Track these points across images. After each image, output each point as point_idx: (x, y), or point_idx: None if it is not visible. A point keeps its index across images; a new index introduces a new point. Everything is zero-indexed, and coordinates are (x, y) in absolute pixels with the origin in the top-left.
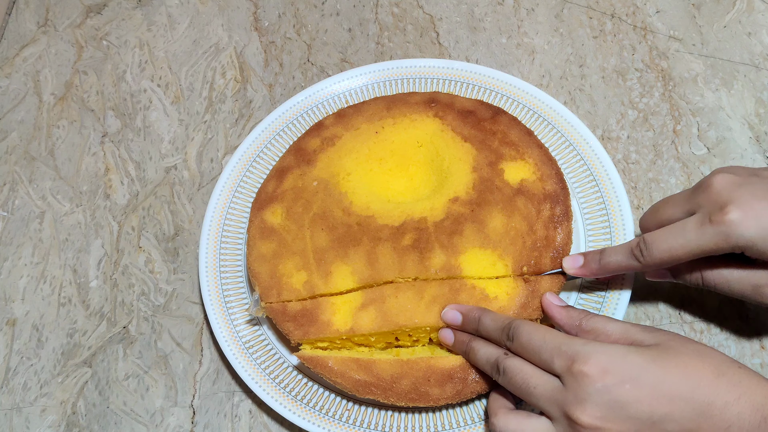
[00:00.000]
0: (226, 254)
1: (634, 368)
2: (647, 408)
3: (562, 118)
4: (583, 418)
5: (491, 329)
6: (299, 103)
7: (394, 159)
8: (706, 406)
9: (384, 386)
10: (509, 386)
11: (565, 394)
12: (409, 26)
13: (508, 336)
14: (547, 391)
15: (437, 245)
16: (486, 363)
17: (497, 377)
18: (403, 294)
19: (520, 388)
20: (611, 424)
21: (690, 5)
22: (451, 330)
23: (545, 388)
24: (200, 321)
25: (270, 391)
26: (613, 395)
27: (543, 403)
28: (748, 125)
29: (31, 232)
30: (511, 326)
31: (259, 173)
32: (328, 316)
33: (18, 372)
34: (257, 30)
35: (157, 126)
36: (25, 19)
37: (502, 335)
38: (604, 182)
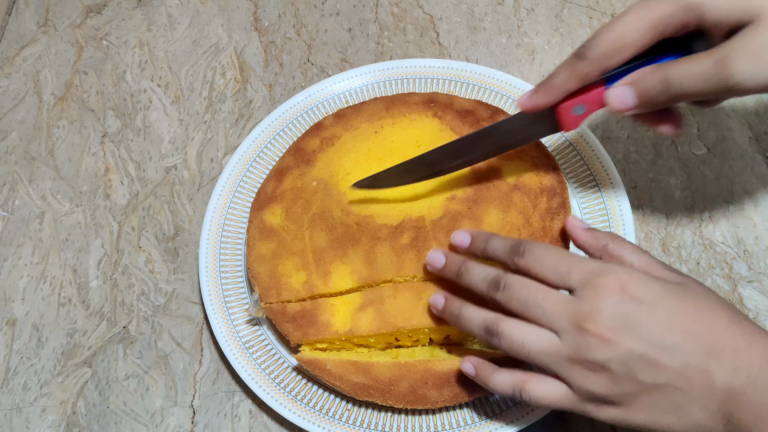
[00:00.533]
0: (226, 254)
1: (652, 294)
2: (659, 333)
3: None
4: (595, 327)
5: (499, 246)
6: (299, 103)
7: (393, 159)
8: (717, 346)
9: (382, 389)
10: (510, 302)
11: (578, 305)
12: (409, 26)
13: (518, 251)
14: (556, 304)
15: (435, 243)
16: (483, 281)
17: (495, 294)
18: (402, 295)
19: (525, 301)
20: (621, 338)
21: None
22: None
23: (554, 300)
24: (200, 321)
25: (270, 391)
26: (629, 311)
27: (550, 316)
28: (748, 125)
29: (31, 232)
30: (522, 243)
31: (259, 173)
32: (327, 318)
33: (18, 372)
34: (257, 30)
35: (157, 126)
36: (25, 19)
37: (511, 251)
38: (604, 182)
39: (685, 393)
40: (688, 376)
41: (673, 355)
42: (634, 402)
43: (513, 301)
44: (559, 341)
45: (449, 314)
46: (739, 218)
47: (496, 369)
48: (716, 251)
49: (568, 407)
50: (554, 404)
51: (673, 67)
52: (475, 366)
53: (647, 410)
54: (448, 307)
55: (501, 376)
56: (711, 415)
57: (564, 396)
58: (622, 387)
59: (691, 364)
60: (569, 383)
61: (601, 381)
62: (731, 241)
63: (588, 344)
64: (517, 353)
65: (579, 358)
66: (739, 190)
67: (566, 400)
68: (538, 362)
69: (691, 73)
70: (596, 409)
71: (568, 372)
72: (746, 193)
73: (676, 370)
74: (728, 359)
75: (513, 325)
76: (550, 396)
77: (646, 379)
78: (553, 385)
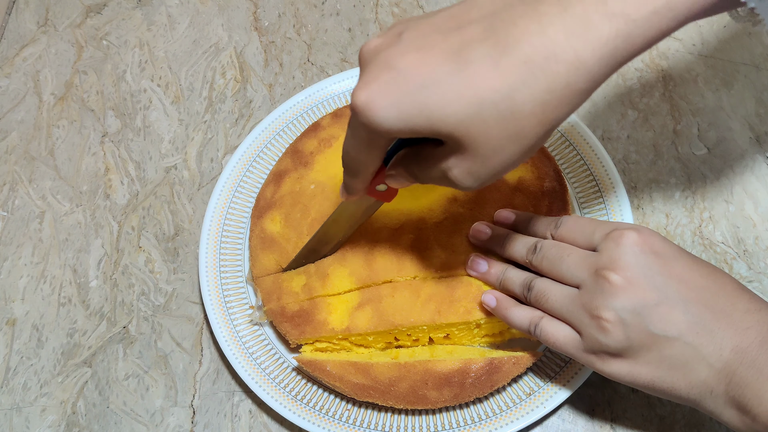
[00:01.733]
0: (226, 254)
1: (670, 250)
2: (675, 287)
3: None
4: (612, 275)
5: (539, 223)
6: (299, 102)
7: None
8: (729, 305)
9: (382, 389)
10: (542, 263)
11: (599, 257)
12: None
13: (556, 225)
14: (580, 258)
15: (436, 245)
16: (523, 248)
17: (531, 258)
18: (400, 293)
19: (554, 260)
20: (637, 287)
21: None
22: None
23: (579, 255)
24: (200, 321)
25: (270, 391)
26: (647, 261)
27: (573, 270)
28: (748, 125)
29: (31, 232)
30: (560, 218)
31: (259, 173)
32: (324, 316)
33: (18, 372)
34: (257, 30)
35: (157, 126)
36: (25, 19)
37: (550, 225)
38: (604, 182)
39: (694, 349)
40: (698, 332)
41: (686, 310)
42: (641, 355)
43: (545, 261)
44: (578, 293)
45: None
46: (739, 218)
47: (516, 304)
48: (716, 251)
49: (575, 354)
50: (561, 347)
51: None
52: (497, 299)
53: (654, 365)
54: (494, 271)
55: (520, 311)
56: (716, 373)
57: (572, 341)
58: (633, 338)
59: (703, 321)
60: (580, 331)
61: (613, 330)
62: (731, 241)
63: (604, 291)
64: (542, 305)
65: (594, 305)
66: (739, 190)
67: (574, 346)
68: (556, 312)
69: (426, 174)
70: (601, 362)
71: (580, 319)
72: (746, 193)
73: (687, 324)
74: (738, 319)
75: (542, 282)
76: (558, 337)
77: (657, 331)
78: (565, 328)
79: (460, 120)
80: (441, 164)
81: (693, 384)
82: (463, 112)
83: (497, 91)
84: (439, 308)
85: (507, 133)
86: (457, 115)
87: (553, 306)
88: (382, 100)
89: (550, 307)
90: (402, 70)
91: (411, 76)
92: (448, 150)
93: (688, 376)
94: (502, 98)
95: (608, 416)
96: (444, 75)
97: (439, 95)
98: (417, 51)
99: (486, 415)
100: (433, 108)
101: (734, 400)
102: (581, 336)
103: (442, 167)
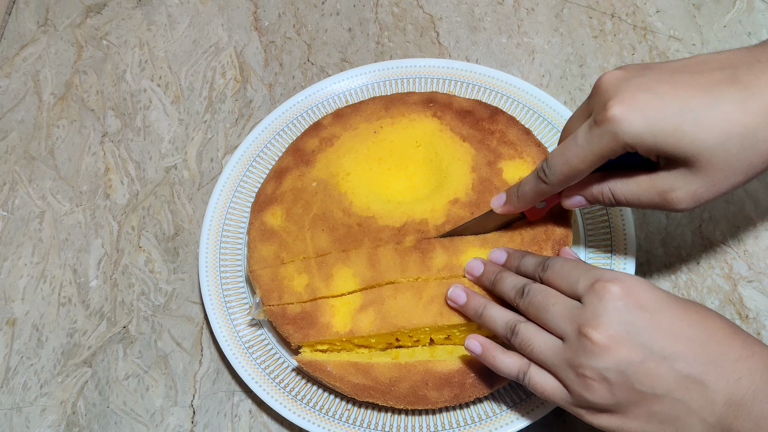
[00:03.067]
0: (226, 254)
1: (656, 301)
2: (661, 341)
3: (562, 118)
4: (595, 334)
5: (530, 264)
6: (299, 102)
7: (393, 159)
8: (719, 355)
9: (382, 390)
10: (528, 308)
11: (583, 311)
12: (409, 26)
13: (543, 267)
14: (564, 309)
15: (438, 245)
16: (512, 289)
17: (519, 301)
18: (402, 295)
19: (539, 307)
20: (621, 346)
21: (690, 5)
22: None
23: (564, 306)
24: (200, 321)
25: (270, 391)
26: (630, 317)
27: (558, 321)
28: None
29: (31, 232)
30: (547, 259)
31: (259, 173)
32: (328, 319)
33: (18, 372)
34: (257, 30)
35: (157, 126)
36: (25, 18)
37: (538, 267)
38: None
39: (685, 404)
40: (688, 386)
41: (674, 365)
42: (630, 410)
43: (531, 307)
44: (562, 346)
45: (473, 311)
46: (739, 218)
47: (503, 350)
48: (716, 251)
49: (563, 406)
50: (550, 398)
51: (618, 184)
52: (482, 345)
53: (644, 419)
54: (472, 304)
55: (507, 358)
56: (709, 428)
57: (560, 394)
58: (619, 396)
59: (692, 375)
60: (566, 386)
61: (598, 389)
62: (731, 241)
63: (586, 350)
64: (526, 353)
65: (577, 363)
66: (739, 191)
67: (562, 399)
68: (541, 362)
69: (633, 194)
70: (590, 415)
71: (565, 375)
72: (746, 193)
73: (676, 380)
74: (729, 369)
75: (527, 328)
76: (546, 389)
77: (644, 389)
78: (552, 380)
79: (708, 146)
80: (660, 185)
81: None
82: (712, 139)
83: (745, 127)
84: (441, 310)
85: (742, 164)
86: (706, 142)
87: (538, 356)
88: (638, 115)
89: (536, 356)
90: (660, 94)
91: (669, 101)
92: (675, 173)
93: (680, 430)
94: (747, 134)
95: None
96: (698, 106)
97: (693, 121)
98: (670, 83)
99: (486, 415)
100: (687, 131)
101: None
102: (567, 390)
103: (660, 188)
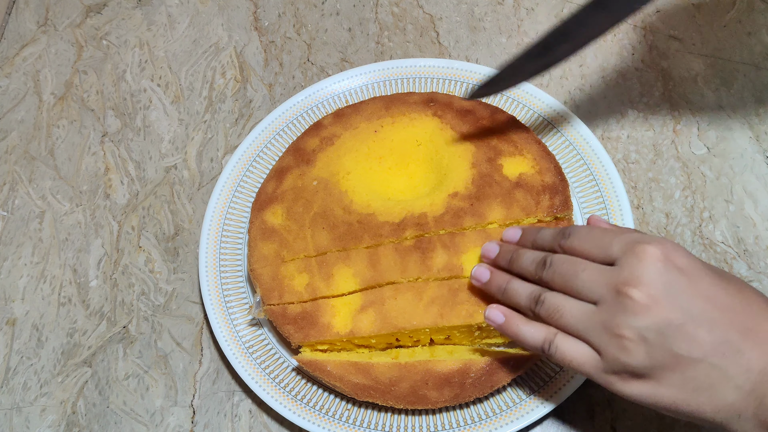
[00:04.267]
0: (226, 254)
1: (695, 267)
2: (700, 305)
3: (562, 118)
4: (636, 292)
5: (547, 235)
6: (299, 102)
7: (393, 157)
8: (754, 325)
9: (382, 389)
10: (554, 278)
11: (619, 272)
12: (409, 26)
13: (564, 234)
14: (595, 273)
15: (439, 245)
16: (532, 263)
17: (542, 274)
18: (402, 296)
19: (567, 275)
20: (661, 306)
21: (690, 5)
22: (497, 246)
23: (594, 270)
24: (200, 321)
25: (270, 391)
26: (671, 279)
27: (590, 286)
28: (748, 125)
29: (31, 232)
30: (568, 227)
31: (259, 173)
32: (328, 319)
33: (18, 372)
34: (257, 30)
35: (157, 126)
36: (25, 18)
37: (558, 236)
38: (604, 182)
39: (720, 370)
40: (724, 352)
41: (712, 330)
42: (665, 377)
43: (557, 277)
44: (596, 309)
45: (496, 287)
46: (739, 218)
47: (526, 320)
48: (716, 251)
49: (593, 375)
50: (579, 366)
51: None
52: (505, 315)
53: (677, 387)
54: (495, 281)
55: (531, 328)
56: (744, 396)
57: (591, 361)
58: (656, 358)
59: (729, 341)
60: (600, 350)
61: (635, 350)
62: (731, 241)
63: (626, 309)
64: (554, 321)
65: (615, 323)
66: (739, 190)
67: (592, 366)
68: (571, 328)
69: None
70: (622, 383)
71: (599, 338)
72: (746, 193)
73: (713, 345)
74: (765, 338)
75: (554, 296)
76: (575, 356)
77: (682, 352)
78: (583, 347)
79: None
80: None
81: (719, 407)
82: None
83: None
84: (441, 311)
85: None
86: None
87: (568, 322)
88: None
89: (565, 323)
90: None
91: None
92: None
93: (714, 398)
94: None
95: (608, 416)
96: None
97: None
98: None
99: (486, 415)
100: None
101: (764, 425)
102: (600, 355)
103: None
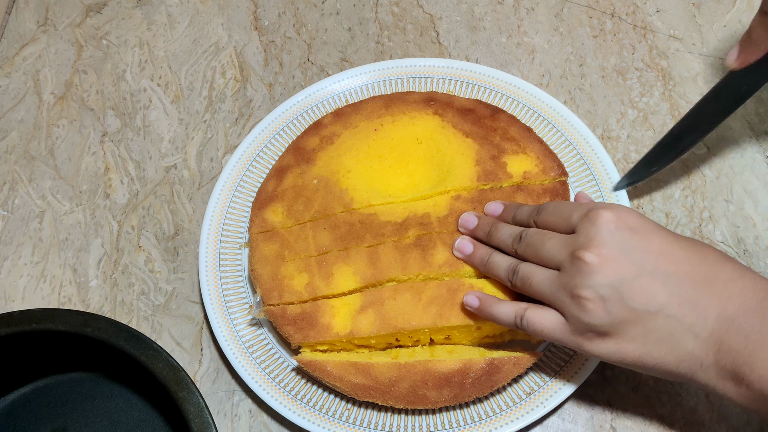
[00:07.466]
0: (226, 254)
1: (647, 226)
2: (653, 260)
3: (562, 118)
4: (588, 255)
5: (525, 212)
6: (299, 102)
7: (393, 156)
8: (711, 275)
9: (382, 389)
10: (526, 251)
11: (576, 237)
12: (409, 25)
13: (538, 211)
14: (559, 241)
15: (439, 242)
16: (509, 237)
17: (517, 246)
18: (402, 296)
19: (536, 245)
20: (613, 263)
21: (690, 4)
22: (476, 218)
23: (558, 239)
24: (200, 320)
25: (270, 391)
26: (622, 237)
27: (554, 252)
28: (748, 125)
29: (31, 232)
30: (542, 204)
31: (259, 172)
32: (328, 320)
33: None
34: (257, 29)
35: (157, 125)
36: (25, 18)
37: (533, 212)
38: (604, 182)
39: (678, 320)
40: (680, 303)
41: (667, 282)
42: (626, 332)
43: (528, 248)
44: (558, 274)
45: (479, 259)
46: (739, 218)
47: (499, 300)
48: None
49: (563, 339)
50: (549, 334)
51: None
52: (479, 298)
53: (640, 340)
54: (478, 253)
55: (504, 306)
56: (702, 343)
57: (559, 326)
58: (615, 314)
59: (684, 292)
60: (564, 313)
61: (594, 308)
62: (731, 241)
63: (581, 271)
64: (526, 288)
65: (573, 284)
66: (739, 190)
67: (561, 331)
68: (538, 294)
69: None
70: (589, 342)
71: (562, 301)
72: (746, 192)
73: (668, 296)
74: (721, 288)
75: (527, 266)
76: (545, 324)
77: (638, 305)
78: (550, 314)
79: None
80: None
81: (681, 357)
82: None
83: None
84: (441, 311)
85: None
86: None
87: (537, 288)
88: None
89: (535, 290)
90: None
91: None
92: None
93: (675, 348)
94: None
95: (608, 416)
96: None
97: None
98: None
99: (486, 415)
100: None
101: (725, 370)
102: (565, 318)
103: None
